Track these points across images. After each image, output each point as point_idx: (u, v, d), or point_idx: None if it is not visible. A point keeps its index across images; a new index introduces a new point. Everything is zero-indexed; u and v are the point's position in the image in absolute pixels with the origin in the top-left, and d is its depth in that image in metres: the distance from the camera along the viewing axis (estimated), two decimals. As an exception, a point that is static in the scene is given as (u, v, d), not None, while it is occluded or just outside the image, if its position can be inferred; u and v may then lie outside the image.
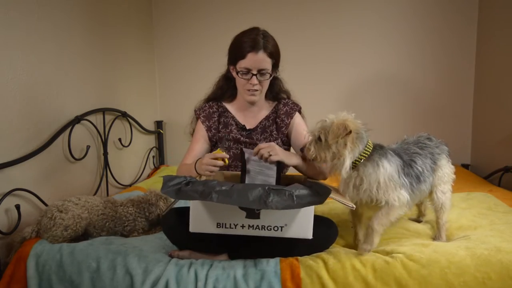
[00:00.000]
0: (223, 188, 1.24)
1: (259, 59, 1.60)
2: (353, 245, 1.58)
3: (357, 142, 1.37)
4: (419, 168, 1.48)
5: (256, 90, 1.66)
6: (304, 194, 1.24)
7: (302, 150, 1.50)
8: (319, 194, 1.26)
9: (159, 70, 3.33)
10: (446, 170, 1.59)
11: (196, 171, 1.55)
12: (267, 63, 1.62)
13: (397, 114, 3.11)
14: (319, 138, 1.39)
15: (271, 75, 1.67)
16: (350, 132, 1.34)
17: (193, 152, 1.74)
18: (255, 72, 1.62)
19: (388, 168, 1.39)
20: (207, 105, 1.79)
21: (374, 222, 1.40)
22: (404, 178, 1.42)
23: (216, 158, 1.47)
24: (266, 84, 1.69)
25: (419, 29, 3.01)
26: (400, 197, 1.39)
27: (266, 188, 1.24)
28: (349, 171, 1.38)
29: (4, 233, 1.63)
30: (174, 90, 3.33)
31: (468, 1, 2.94)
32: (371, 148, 1.41)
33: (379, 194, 1.38)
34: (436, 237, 1.62)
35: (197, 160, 1.57)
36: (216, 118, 1.76)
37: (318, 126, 1.41)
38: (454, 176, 1.64)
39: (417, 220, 1.84)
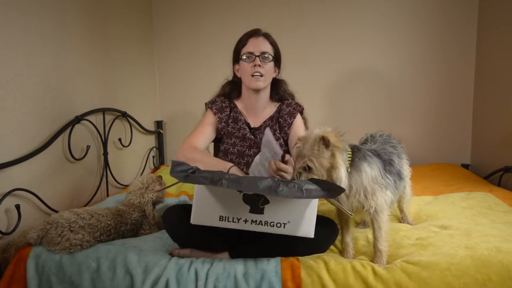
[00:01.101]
0: (232, 177, 1.24)
1: (260, 42, 1.71)
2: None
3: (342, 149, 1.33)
4: (397, 166, 1.51)
5: (261, 76, 1.69)
6: (313, 189, 1.23)
7: None
8: (328, 190, 1.24)
9: (159, 70, 3.33)
10: (407, 166, 1.69)
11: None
12: (268, 48, 1.72)
13: (397, 114, 3.11)
14: (306, 168, 1.32)
15: (273, 60, 1.73)
16: (328, 141, 1.29)
17: (204, 134, 1.74)
18: (257, 54, 1.69)
19: (369, 171, 1.37)
20: (218, 99, 1.83)
21: (377, 244, 1.41)
22: (389, 177, 1.43)
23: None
24: (270, 70, 1.73)
25: (420, 29, 3.02)
26: (386, 198, 1.39)
27: (276, 179, 1.24)
28: (346, 182, 1.32)
29: (4, 233, 1.63)
30: (174, 90, 3.33)
31: (468, 1, 2.94)
32: (351, 153, 1.37)
33: (367, 199, 1.37)
34: (403, 220, 1.81)
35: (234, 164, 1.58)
36: (227, 113, 1.80)
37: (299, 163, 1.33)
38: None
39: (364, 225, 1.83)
